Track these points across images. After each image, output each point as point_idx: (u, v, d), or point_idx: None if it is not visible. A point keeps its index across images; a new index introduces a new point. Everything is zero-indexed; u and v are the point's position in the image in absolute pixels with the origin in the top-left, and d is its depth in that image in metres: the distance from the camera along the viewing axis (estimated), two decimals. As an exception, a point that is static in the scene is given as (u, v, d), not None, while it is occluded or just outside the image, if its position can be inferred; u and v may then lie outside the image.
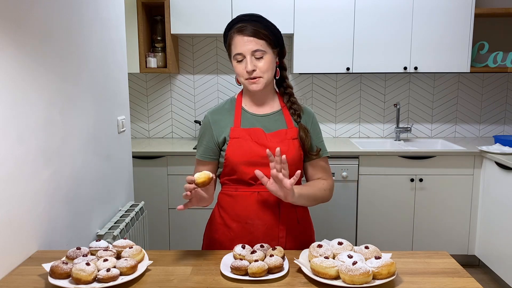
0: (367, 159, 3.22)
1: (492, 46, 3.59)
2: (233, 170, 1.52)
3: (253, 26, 1.47)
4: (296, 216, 1.57)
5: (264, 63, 1.47)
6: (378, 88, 3.77)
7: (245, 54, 1.46)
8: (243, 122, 1.55)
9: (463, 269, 1.33)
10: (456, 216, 3.27)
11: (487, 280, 3.15)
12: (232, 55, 1.51)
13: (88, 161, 1.90)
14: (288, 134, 1.54)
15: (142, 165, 3.25)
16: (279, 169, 1.35)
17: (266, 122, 1.56)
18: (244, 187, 1.54)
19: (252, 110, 1.58)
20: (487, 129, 3.83)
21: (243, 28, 1.47)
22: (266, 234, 1.52)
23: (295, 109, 1.58)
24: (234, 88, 3.78)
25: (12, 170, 1.35)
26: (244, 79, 1.50)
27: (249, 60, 1.46)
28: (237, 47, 1.48)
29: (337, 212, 3.24)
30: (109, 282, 1.18)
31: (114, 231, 1.97)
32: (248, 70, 1.46)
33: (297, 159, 1.54)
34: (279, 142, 1.52)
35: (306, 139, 1.55)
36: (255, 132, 1.52)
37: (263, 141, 1.51)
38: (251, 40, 1.46)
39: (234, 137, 1.52)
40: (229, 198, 1.57)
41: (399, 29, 3.33)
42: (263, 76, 1.48)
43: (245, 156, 1.50)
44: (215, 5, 3.31)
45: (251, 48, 1.46)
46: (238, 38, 1.47)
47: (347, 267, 1.17)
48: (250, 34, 1.46)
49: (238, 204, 1.55)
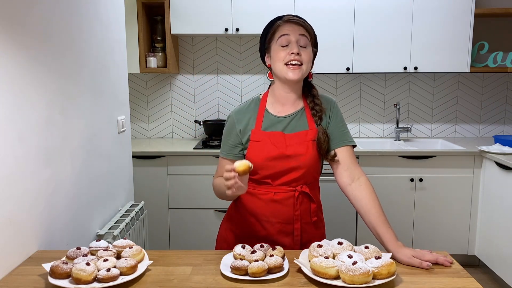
0: (367, 159, 3.22)
1: (492, 46, 3.59)
2: (253, 171, 1.55)
3: (300, 19, 1.54)
4: (310, 217, 1.59)
5: (307, 54, 1.51)
6: (378, 88, 3.77)
7: (291, 38, 1.49)
8: (264, 124, 1.57)
9: (463, 269, 1.33)
10: (456, 216, 3.27)
11: (487, 280, 3.15)
12: (275, 39, 1.53)
13: (88, 161, 1.90)
14: (308, 136, 1.55)
15: (142, 165, 3.25)
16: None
17: (287, 123, 1.57)
18: (262, 187, 1.57)
19: (276, 111, 1.59)
20: (487, 129, 3.83)
21: (292, 19, 1.53)
22: (281, 231, 1.56)
23: (317, 111, 1.58)
24: (234, 88, 3.78)
25: (12, 169, 1.35)
26: (284, 64, 1.50)
27: (295, 44, 1.49)
28: (284, 30, 1.51)
29: (337, 212, 3.24)
30: (109, 282, 1.18)
31: (114, 231, 1.97)
32: (294, 51, 1.48)
33: (316, 160, 1.56)
34: (298, 144, 1.54)
35: (323, 143, 1.55)
36: (275, 136, 1.54)
37: (282, 145, 1.53)
38: (299, 28, 1.51)
39: (254, 140, 1.55)
40: (248, 194, 1.59)
41: (399, 29, 3.33)
42: (303, 65, 1.50)
43: (264, 159, 1.53)
44: (215, 5, 3.31)
45: (299, 32, 1.50)
46: (286, 25, 1.52)
47: (347, 267, 1.17)
48: (299, 24, 1.52)
49: (255, 202, 1.58)
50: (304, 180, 1.56)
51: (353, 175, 1.56)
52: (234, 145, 1.59)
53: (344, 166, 1.57)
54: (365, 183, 1.55)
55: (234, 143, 1.59)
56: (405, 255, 1.35)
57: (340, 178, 1.58)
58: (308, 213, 1.59)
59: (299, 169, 1.54)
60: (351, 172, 1.57)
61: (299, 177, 1.55)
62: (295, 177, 1.54)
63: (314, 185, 1.62)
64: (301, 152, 1.53)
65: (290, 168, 1.53)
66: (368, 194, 1.52)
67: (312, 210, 1.59)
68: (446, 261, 1.33)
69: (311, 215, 1.59)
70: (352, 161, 1.59)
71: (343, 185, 1.57)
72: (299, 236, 1.57)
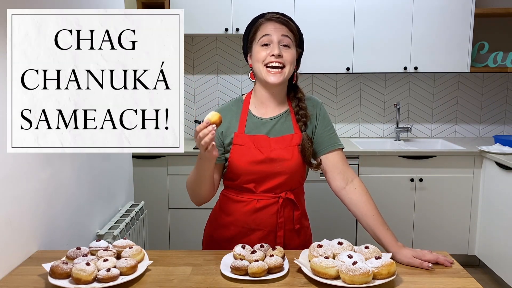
0: (367, 159, 3.22)
1: (492, 46, 3.59)
2: (236, 176, 1.51)
3: (284, 18, 1.47)
4: (293, 224, 1.54)
5: (290, 54, 1.44)
6: (378, 88, 3.77)
7: (273, 38, 1.43)
8: (248, 126, 1.51)
9: (463, 269, 1.32)
10: (456, 216, 3.27)
11: (487, 280, 3.15)
12: (257, 39, 1.46)
13: (88, 161, 1.90)
14: (294, 140, 1.50)
15: (142, 165, 3.25)
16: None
17: (272, 125, 1.51)
18: (245, 194, 1.52)
19: (259, 113, 1.53)
20: (487, 129, 3.83)
21: (275, 17, 1.46)
22: (262, 240, 1.51)
23: (302, 116, 1.51)
24: (234, 88, 3.78)
25: (12, 170, 1.35)
26: (264, 66, 1.44)
27: (277, 45, 1.43)
28: (266, 30, 1.44)
29: (337, 212, 3.24)
30: (109, 282, 1.18)
31: (114, 231, 1.97)
32: (275, 53, 1.41)
33: (301, 165, 1.51)
34: (283, 148, 1.48)
35: (307, 150, 1.50)
36: (259, 140, 1.49)
37: (266, 149, 1.48)
38: (282, 27, 1.45)
39: (237, 144, 1.49)
40: (229, 201, 1.56)
41: (399, 29, 3.33)
42: (285, 67, 1.44)
43: (247, 164, 1.47)
44: (215, 5, 3.31)
45: (281, 33, 1.44)
46: (268, 24, 1.45)
47: (347, 267, 1.17)
48: (282, 23, 1.45)
49: (237, 209, 1.53)
50: (289, 186, 1.52)
51: (346, 178, 1.51)
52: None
53: (336, 170, 1.52)
54: (359, 186, 1.50)
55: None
56: (405, 255, 1.35)
57: (333, 182, 1.53)
58: (292, 220, 1.54)
59: (283, 174, 1.48)
60: (344, 175, 1.52)
61: (283, 182, 1.49)
62: (279, 182, 1.49)
63: (299, 191, 1.57)
64: (286, 157, 1.47)
65: (275, 173, 1.47)
66: (363, 196, 1.48)
67: (296, 217, 1.54)
68: (447, 261, 1.33)
69: (294, 222, 1.54)
70: (344, 163, 1.53)
71: (337, 189, 1.52)
72: (282, 244, 1.52)
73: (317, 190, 2.86)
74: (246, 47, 1.54)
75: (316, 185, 2.79)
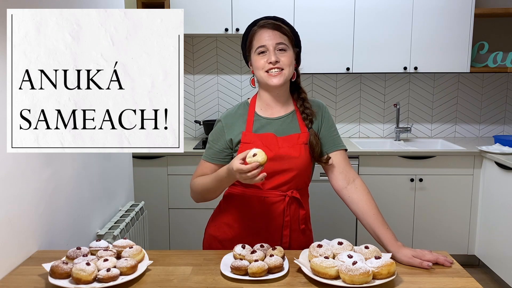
0: (367, 159, 3.22)
1: (492, 46, 3.59)
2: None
3: (276, 22, 1.51)
4: (299, 224, 1.56)
5: (287, 57, 1.49)
6: (378, 88, 3.77)
7: (268, 47, 1.47)
8: (255, 126, 1.54)
9: (463, 269, 1.33)
10: (456, 216, 3.27)
11: (487, 280, 3.15)
12: (253, 49, 1.51)
13: (88, 161, 1.90)
14: (300, 139, 1.53)
15: (142, 165, 3.25)
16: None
17: (279, 125, 1.55)
18: (252, 190, 1.54)
19: (266, 113, 1.57)
20: (487, 129, 3.83)
21: (267, 24, 1.50)
22: (268, 238, 1.53)
23: (308, 114, 1.56)
24: (234, 88, 3.78)
25: (12, 169, 1.35)
26: (264, 72, 1.49)
27: (273, 52, 1.47)
28: (260, 40, 1.49)
29: (337, 212, 3.24)
30: (109, 282, 1.18)
31: (114, 231, 1.97)
32: (272, 61, 1.46)
33: (308, 164, 1.54)
34: (290, 146, 1.51)
35: (316, 146, 1.53)
36: (266, 138, 1.52)
37: (274, 146, 1.50)
38: (275, 34, 1.48)
39: (245, 142, 1.52)
40: (236, 198, 1.57)
41: (399, 29, 3.33)
42: (284, 69, 1.48)
43: None
44: (215, 5, 3.31)
45: (275, 41, 1.47)
46: (261, 32, 1.49)
47: (347, 267, 1.17)
48: (275, 28, 1.49)
49: (244, 206, 1.55)
50: (296, 185, 1.54)
51: (348, 178, 1.54)
52: (220, 150, 1.55)
53: (338, 169, 1.55)
54: (360, 185, 1.53)
55: (221, 148, 1.55)
56: (405, 255, 1.35)
57: (335, 181, 1.56)
58: (297, 219, 1.56)
59: (291, 171, 1.51)
60: (346, 174, 1.55)
61: (291, 180, 1.52)
62: (287, 179, 1.51)
63: (304, 192, 1.60)
64: (294, 155, 1.50)
65: (283, 170, 1.50)
66: (364, 196, 1.51)
67: (301, 217, 1.56)
68: (446, 261, 1.33)
69: (300, 222, 1.56)
70: (346, 164, 1.57)
71: (339, 188, 1.56)
72: (287, 243, 1.54)
73: (317, 190, 2.85)
74: (246, 55, 1.59)
75: (316, 185, 2.78)
